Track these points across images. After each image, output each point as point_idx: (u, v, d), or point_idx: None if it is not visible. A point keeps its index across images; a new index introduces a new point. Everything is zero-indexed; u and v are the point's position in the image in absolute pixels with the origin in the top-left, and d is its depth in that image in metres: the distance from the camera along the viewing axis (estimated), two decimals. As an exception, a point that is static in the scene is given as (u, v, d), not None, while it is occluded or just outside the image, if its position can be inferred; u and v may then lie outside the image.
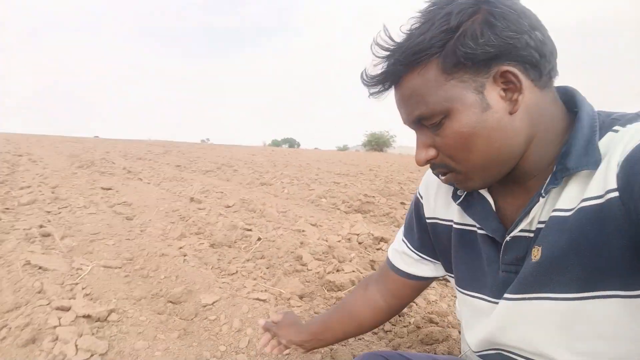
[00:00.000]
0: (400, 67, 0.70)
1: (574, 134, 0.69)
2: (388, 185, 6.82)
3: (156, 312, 1.92)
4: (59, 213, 3.76)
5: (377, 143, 35.67)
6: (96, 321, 1.73)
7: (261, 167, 9.64)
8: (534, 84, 0.69)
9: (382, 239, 3.24)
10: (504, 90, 0.68)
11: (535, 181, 0.75)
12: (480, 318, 0.85)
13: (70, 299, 1.90)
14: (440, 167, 0.75)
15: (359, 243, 3.17)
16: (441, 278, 1.09)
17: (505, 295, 0.76)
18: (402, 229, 1.09)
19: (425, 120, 0.71)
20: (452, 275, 0.94)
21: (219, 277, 2.31)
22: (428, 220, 0.97)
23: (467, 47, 0.64)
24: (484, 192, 0.82)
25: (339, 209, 4.80)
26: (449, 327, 1.71)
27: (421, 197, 1.00)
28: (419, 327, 1.76)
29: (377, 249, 3.10)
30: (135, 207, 4.24)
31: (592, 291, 0.65)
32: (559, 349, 0.70)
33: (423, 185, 1.01)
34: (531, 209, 0.72)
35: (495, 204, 0.81)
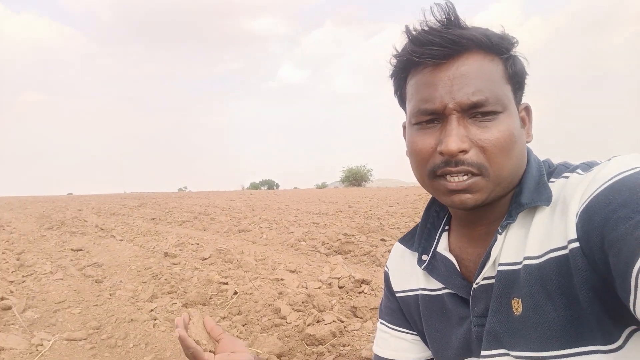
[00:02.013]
0: (481, 39, 0.67)
1: (525, 175, 0.72)
2: (367, 221, 6.77)
3: (123, 388, 1.77)
4: (23, 282, 3.55)
5: (355, 178, 35.90)
6: (54, 407, 1.58)
7: (239, 213, 9.50)
8: None
9: (363, 282, 3.15)
10: (521, 120, 0.73)
11: (494, 226, 0.74)
12: None
13: (26, 382, 1.74)
14: (468, 165, 0.67)
15: (340, 287, 3.07)
16: None
17: (485, 353, 0.72)
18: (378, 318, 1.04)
19: (486, 107, 0.66)
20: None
21: (191, 340, 2.17)
22: (397, 295, 0.94)
23: (520, 65, 0.71)
24: (446, 253, 0.82)
25: (319, 251, 4.70)
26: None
27: (388, 270, 0.98)
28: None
29: (359, 293, 3.01)
30: (106, 268, 4.06)
31: (573, 347, 0.62)
32: None
33: (390, 257, 0.99)
34: (491, 249, 0.71)
35: (457, 262, 0.80)
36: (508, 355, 0.69)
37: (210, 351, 0.89)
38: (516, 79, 0.71)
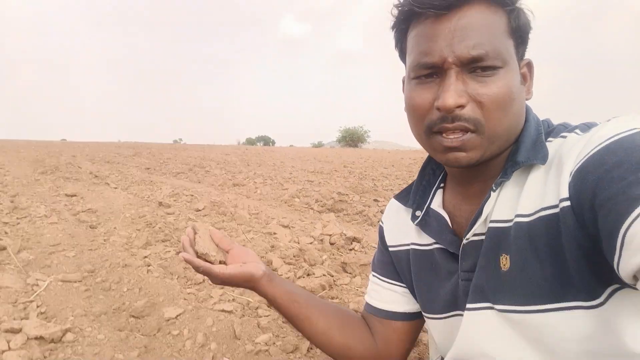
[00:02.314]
0: None
1: (522, 133, 0.72)
2: (362, 182, 6.81)
3: (117, 329, 1.82)
4: (17, 224, 3.57)
5: (352, 139, 35.77)
6: (50, 342, 1.63)
7: (234, 167, 9.50)
8: None
9: (354, 239, 3.21)
10: (522, 76, 0.72)
11: (488, 182, 0.75)
12: (449, 337, 0.82)
13: (22, 319, 1.79)
14: (464, 121, 0.67)
15: (331, 244, 3.13)
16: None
17: (470, 306, 0.74)
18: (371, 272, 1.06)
19: (486, 61, 0.65)
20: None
21: (184, 287, 2.23)
22: (390, 249, 0.96)
23: (525, 20, 0.69)
24: (440, 209, 0.83)
25: (312, 208, 4.75)
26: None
27: (382, 224, 1.00)
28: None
29: (350, 250, 3.07)
30: (100, 215, 4.08)
31: (555, 302, 0.64)
32: None
33: (385, 213, 1.01)
34: (484, 205, 0.71)
35: (450, 219, 0.81)
36: (492, 308, 0.71)
37: (221, 262, 0.89)
38: (519, 33, 0.69)
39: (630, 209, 0.49)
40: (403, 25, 0.73)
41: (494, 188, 0.71)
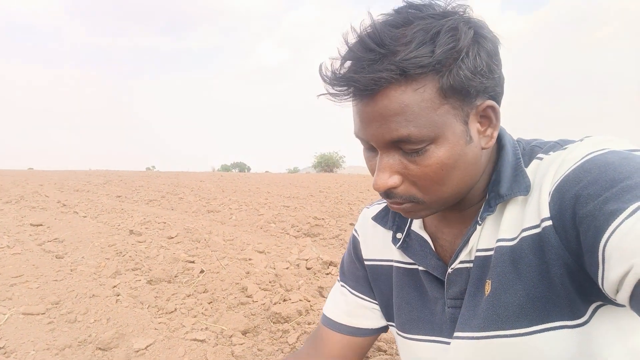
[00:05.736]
0: (394, 76, 0.58)
1: (501, 161, 0.71)
2: (337, 206, 6.81)
3: (82, 363, 1.72)
4: (-23, 255, 3.39)
5: (327, 164, 35.96)
6: (8, 380, 1.52)
7: (209, 194, 9.36)
8: None
9: (331, 263, 3.17)
10: (480, 123, 0.65)
11: (470, 209, 0.75)
12: None
13: (-22, 356, 1.68)
14: (398, 198, 0.66)
15: (308, 269, 3.08)
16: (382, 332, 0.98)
17: (457, 334, 0.73)
18: (338, 279, 1.03)
19: (409, 144, 0.61)
20: (393, 323, 0.89)
21: (155, 316, 2.14)
22: (366, 262, 0.93)
23: (468, 73, 0.59)
24: (421, 232, 0.82)
25: (288, 233, 4.70)
26: (397, 355, 1.65)
27: (358, 235, 0.96)
28: (367, 358, 1.70)
29: (327, 274, 3.03)
30: (67, 244, 3.93)
31: (541, 324, 0.64)
32: None
33: (360, 224, 0.97)
34: (469, 237, 0.71)
35: (432, 241, 0.80)
36: (478, 335, 0.70)
37: None
38: (459, 89, 0.61)
39: (607, 224, 0.50)
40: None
41: (480, 222, 0.70)
